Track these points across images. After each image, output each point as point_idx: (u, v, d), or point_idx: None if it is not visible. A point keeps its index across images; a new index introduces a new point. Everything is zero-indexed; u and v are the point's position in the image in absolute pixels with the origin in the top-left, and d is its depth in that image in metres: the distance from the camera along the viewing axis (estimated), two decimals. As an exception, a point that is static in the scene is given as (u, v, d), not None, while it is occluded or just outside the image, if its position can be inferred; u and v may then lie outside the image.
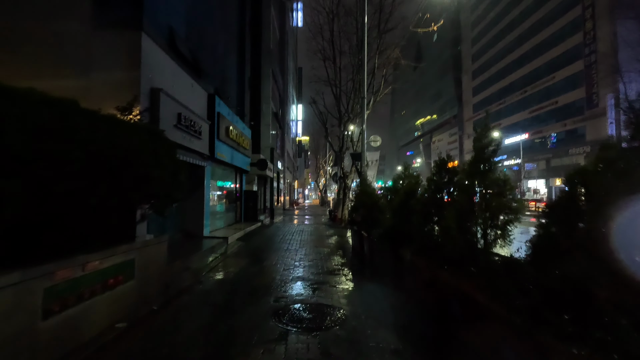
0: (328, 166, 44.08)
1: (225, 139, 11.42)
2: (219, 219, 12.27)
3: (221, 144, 11.09)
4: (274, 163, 20.42)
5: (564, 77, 39.19)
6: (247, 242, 10.79)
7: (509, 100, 47.55)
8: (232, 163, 12.46)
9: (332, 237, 12.23)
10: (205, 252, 8.24)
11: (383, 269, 6.36)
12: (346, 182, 16.61)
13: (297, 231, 13.84)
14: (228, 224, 13.44)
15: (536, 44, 42.87)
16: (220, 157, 10.91)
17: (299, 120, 49.04)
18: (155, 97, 6.91)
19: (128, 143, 3.99)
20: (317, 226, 16.16)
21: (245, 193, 15.24)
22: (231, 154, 12.36)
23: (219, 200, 12.39)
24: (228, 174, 13.56)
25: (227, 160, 11.76)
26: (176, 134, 7.76)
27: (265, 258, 8.23)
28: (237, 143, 12.93)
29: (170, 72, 7.85)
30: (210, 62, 11.39)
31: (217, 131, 10.61)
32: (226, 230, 11.77)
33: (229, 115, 11.95)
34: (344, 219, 16.35)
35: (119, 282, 4.04)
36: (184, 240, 9.38)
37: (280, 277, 6.28)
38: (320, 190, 48.66)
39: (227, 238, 10.09)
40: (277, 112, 23.43)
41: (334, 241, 11.10)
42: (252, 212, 15.25)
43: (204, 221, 10.21)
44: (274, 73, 22.50)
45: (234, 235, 11.02)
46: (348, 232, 13.35)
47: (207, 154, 10.04)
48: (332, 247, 9.95)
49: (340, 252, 9.05)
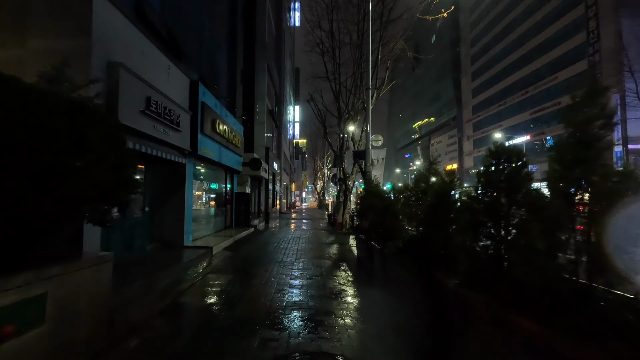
0: (326, 169, 42.65)
1: (211, 133, 9.93)
2: (205, 225, 10.74)
3: (206, 139, 9.60)
4: (269, 163, 18.92)
5: (566, 77, 38.10)
6: (235, 252, 9.27)
7: (510, 102, 46.39)
8: (220, 161, 10.96)
9: (333, 245, 10.74)
10: (182, 267, 6.72)
11: (406, 296, 4.85)
12: (347, 184, 15.15)
13: (294, 238, 12.34)
14: (216, 230, 11.91)
15: (537, 44, 41.81)
16: (204, 154, 9.41)
17: (296, 121, 47.64)
18: (113, 72, 5.42)
19: (24, 116, 2.51)
20: (316, 232, 14.66)
21: (237, 195, 13.73)
22: (219, 151, 10.86)
23: (205, 204, 10.87)
24: (216, 174, 12.06)
25: (213, 158, 10.26)
26: (144, 122, 6.27)
27: (255, 274, 6.72)
28: (226, 140, 11.44)
29: (139, 48, 6.36)
30: (195, 46, 9.91)
31: (201, 124, 9.12)
32: (212, 238, 10.24)
33: (216, 107, 10.47)
34: (345, 223, 14.88)
35: (7, 335, 2.53)
36: (159, 252, 7.85)
37: (272, 304, 4.78)
38: (318, 193, 47.18)
39: (211, 248, 8.57)
40: (272, 110, 21.97)
41: (336, 250, 9.62)
42: (244, 216, 13.74)
43: (184, 228, 8.69)
44: (270, 68, 21.06)
45: (221, 244, 9.50)
46: (350, 239, 11.87)
47: (188, 149, 8.54)
48: (333, 258, 8.46)
49: (343, 265, 7.55)
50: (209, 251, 8.38)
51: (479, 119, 52.96)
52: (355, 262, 8.01)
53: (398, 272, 5.25)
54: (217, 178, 12.19)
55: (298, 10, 48.47)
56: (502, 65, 47.65)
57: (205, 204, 10.89)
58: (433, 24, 65.38)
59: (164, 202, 8.54)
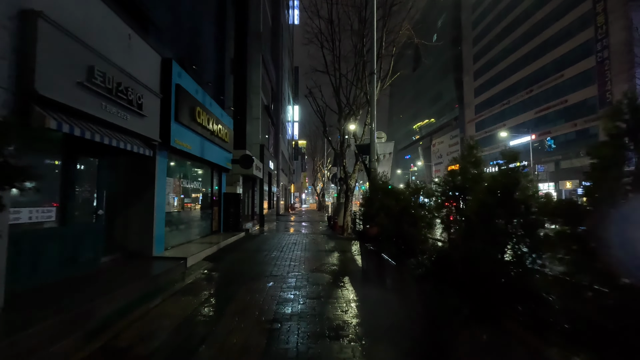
0: (326, 169, 41.10)
1: (189, 123, 8.38)
2: (184, 230, 9.16)
3: (183, 129, 8.05)
4: (264, 162, 17.37)
5: (573, 74, 36.63)
6: (217, 263, 7.69)
7: (514, 101, 44.87)
8: (202, 157, 9.41)
9: (333, 253, 9.17)
10: (140, 287, 5.15)
11: (449, 347, 3.21)
12: (348, 184, 13.58)
13: (289, 244, 10.76)
14: (200, 235, 10.34)
15: (543, 41, 40.31)
16: (180, 146, 7.85)
17: (296, 121, 46.16)
18: (28, 23, 3.87)
19: None
20: (315, 237, 13.07)
21: (225, 196, 12.16)
22: (201, 144, 9.31)
23: (185, 206, 9.29)
24: (199, 171, 10.49)
25: (193, 152, 8.70)
26: (84, 98, 4.70)
27: (233, 297, 5.12)
28: (210, 132, 9.89)
29: (80, 3, 4.81)
30: (171, 20, 8.38)
31: (176, 110, 7.57)
32: (192, 246, 8.67)
33: (197, 93, 8.92)
34: (346, 227, 13.31)
35: None
36: (116, 266, 6.28)
37: (249, 353, 3.19)
38: (318, 195, 45.60)
39: (185, 259, 7.00)
40: (268, 106, 20.44)
41: (337, 261, 8.04)
42: (233, 219, 12.16)
43: (154, 234, 7.12)
44: (265, 61, 19.54)
45: (200, 253, 7.93)
46: (353, 246, 10.30)
47: (157, 139, 6.98)
48: (335, 272, 6.87)
49: (348, 284, 5.97)
50: (182, 264, 6.81)
51: (481, 119, 51.44)
52: (359, 275, 6.44)
53: (425, 301, 3.67)
54: (201, 176, 10.62)
55: (297, 8, 47.08)
56: (506, 63, 46.15)
57: (185, 206, 9.32)
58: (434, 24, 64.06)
59: (127, 203, 6.97)
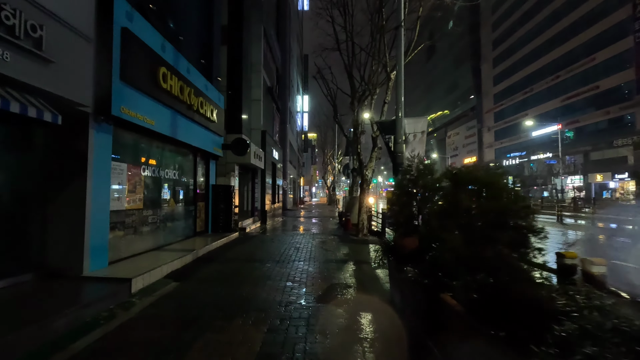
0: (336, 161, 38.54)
1: (151, 89, 5.99)
2: (148, 234, 6.78)
3: (138, 95, 5.64)
4: (266, 150, 14.95)
5: (606, 58, 32.95)
6: (181, 285, 5.31)
7: (537, 88, 41.22)
8: (175, 137, 7.02)
9: (347, 266, 6.71)
10: (21, 342, 2.80)
11: None
12: (364, 175, 11.05)
13: (291, 250, 8.36)
14: (177, 239, 8.01)
15: (571, 23, 36.50)
16: (133, 119, 5.45)
17: (305, 111, 43.63)
18: None
19: None
20: (324, 238, 10.63)
21: (214, 190, 9.80)
22: (173, 121, 6.92)
23: (151, 201, 6.91)
24: (175, 157, 8.10)
25: (160, 130, 6.31)
26: None
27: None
28: (188, 107, 7.50)
29: None
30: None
31: (122, 66, 5.16)
32: (155, 256, 6.32)
33: (164, 51, 6.51)
34: (362, 226, 10.82)
35: None
36: (16, 294, 3.95)
37: None
38: (328, 188, 43.12)
39: (130, 281, 4.65)
40: (272, 88, 17.96)
41: (354, 281, 5.55)
42: (224, 217, 9.81)
43: (87, 243, 4.79)
44: (268, 36, 17.01)
45: (161, 268, 5.58)
46: (371, 251, 7.85)
47: (85, 104, 4.59)
48: (353, 309, 4.41)
49: (376, 345, 3.52)
50: (123, 288, 4.45)
51: (501, 109, 47.86)
52: (390, 312, 3.99)
53: None
54: (179, 164, 8.22)
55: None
56: (529, 48, 42.35)
57: (151, 201, 6.96)
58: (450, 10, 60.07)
59: (45, 199, 4.64)
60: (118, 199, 5.67)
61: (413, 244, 4.14)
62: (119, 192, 5.72)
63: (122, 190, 5.80)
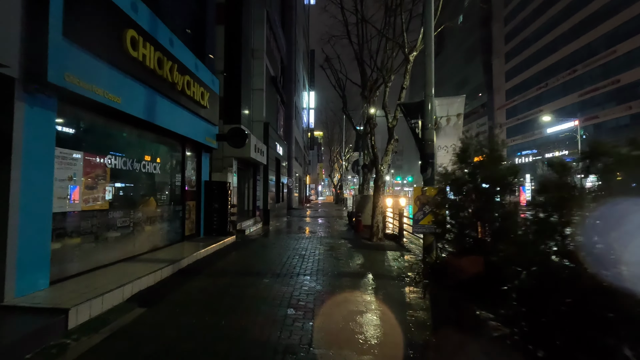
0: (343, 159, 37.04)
1: (116, 57, 4.61)
2: (117, 241, 5.37)
3: (95, 62, 4.25)
4: (268, 144, 13.55)
5: (628, 50, 30.94)
6: (148, 312, 3.92)
7: (552, 83, 39.23)
8: (151, 120, 5.64)
9: (366, 282, 5.28)
10: None
11: None
12: (379, 170, 9.58)
13: (295, 259, 6.96)
14: (159, 245, 6.65)
15: (590, 14, 34.48)
16: (84, 91, 4.06)
17: (312, 108, 42.22)
18: None
19: None
20: (333, 244, 9.20)
21: (207, 186, 8.43)
22: (148, 100, 5.54)
23: (122, 200, 5.52)
24: (156, 146, 6.68)
25: (128, 110, 4.93)
26: None
27: None
28: (171, 85, 6.12)
29: None
30: None
31: (67, 16, 3.78)
32: (124, 270, 4.95)
33: (135, 10, 5.11)
34: (377, 229, 9.36)
35: None
36: None
37: None
38: (335, 186, 41.67)
39: (67, 313, 3.28)
40: (276, 78, 16.55)
41: (380, 314, 4.14)
42: (219, 218, 8.44)
43: (12, 257, 3.43)
44: (271, 21, 15.61)
45: (127, 287, 4.20)
46: (388, 259, 6.42)
47: (3, 63, 3.23)
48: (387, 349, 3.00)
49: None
50: (54, 323, 3.08)
51: (513, 105, 45.90)
52: None
53: None
54: (160, 155, 6.82)
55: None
56: (544, 42, 40.32)
57: (125, 199, 5.59)
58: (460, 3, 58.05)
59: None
60: (69, 198, 4.30)
61: (474, 267, 2.69)
62: (71, 189, 4.35)
63: (76, 186, 4.43)
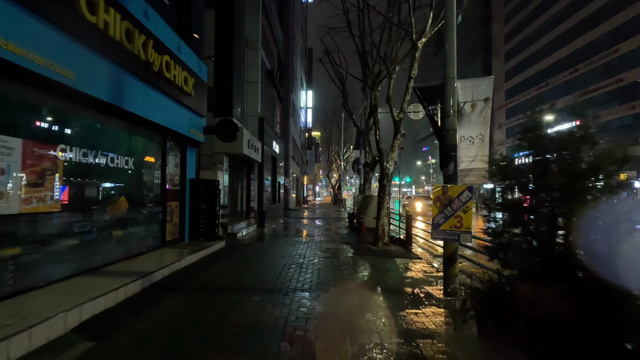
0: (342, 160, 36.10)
1: (65, 19, 3.64)
2: (73, 250, 4.28)
3: (31, 20, 3.28)
4: (263, 141, 12.57)
5: (632, 48, 30.29)
6: (100, 349, 2.97)
7: (554, 83, 38.54)
8: (120, 106, 4.67)
9: (375, 301, 4.31)
10: None
11: None
12: (384, 168, 8.66)
13: (291, 268, 6.00)
14: (131, 254, 5.67)
15: (592, 12, 33.82)
16: (15, 58, 3.10)
17: (309, 107, 41.25)
18: None
19: None
20: (334, 250, 8.25)
21: (193, 185, 7.44)
22: (114, 79, 4.56)
23: (80, 199, 4.50)
24: (124, 135, 5.66)
25: (84, 89, 3.96)
26: None
27: None
28: (146, 65, 5.17)
29: None
30: None
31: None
32: (79, 287, 3.96)
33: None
34: (383, 234, 8.41)
35: None
36: None
37: None
38: (333, 187, 40.74)
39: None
40: (272, 72, 15.58)
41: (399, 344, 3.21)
42: (206, 221, 7.45)
43: None
44: (267, 11, 14.65)
45: (73, 312, 3.20)
46: (398, 268, 5.48)
47: None
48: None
49: None
50: None
51: (513, 105, 45.21)
52: None
53: None
54: (136, 148, 5.86)
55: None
56: (545, 40, 39.64)
57: (85, 199, 4.61)
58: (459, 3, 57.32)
59: None
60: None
61: (562, 303, 1.75)
62: (3, 185, 3.37)
63: (8, 181, 3.45)
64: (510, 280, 2.00)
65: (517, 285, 1.90)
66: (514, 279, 1.99)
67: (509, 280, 2.01)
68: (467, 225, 4.57)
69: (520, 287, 1.87)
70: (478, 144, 4.79)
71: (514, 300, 1.82)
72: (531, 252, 2.03)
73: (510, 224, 2.21)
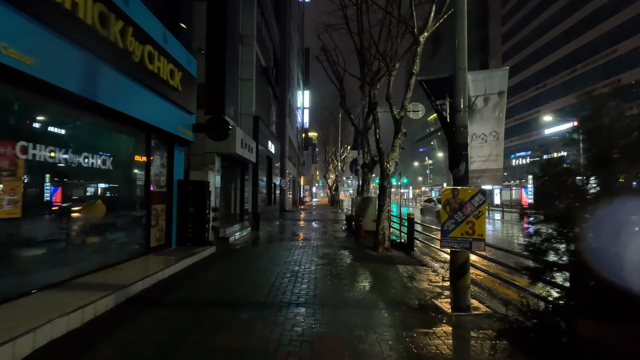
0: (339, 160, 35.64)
1: None
2: (37, 261, 3.78)
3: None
4: (258, 141, 12.07)
5: (629, 49, 30.17)
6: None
7: (551, 83, 38.38)
8: (94, 99, 4.17)
9: (381, 319, 3.87)
10: None
11: None
12: (385, 168, 8.20)
13: (286, 277, 5.52)
14: (110, 262, 5.15)
15: (590, 13, 33.68)
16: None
17: (306, 107, 40.77)
18: None
19: None
20: (332, 256, 7.77)
21: (181, 187, 6.94)
22: (86, 69, 4.07)
23: (46, 204, 4.01)
24: (101, 132, 5.12)
25: (48, 78, 3.46)
26: None
27: None
28: (125, 55, 4.68)
29: None
30: None
31: None
32: (41, 303, 3.46)
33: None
34: (383, 238, 7.94)
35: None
36: None
37: None
38: (330, 188, 40.28)
39: None
40: (267, 69, 15.08)
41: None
42: (195, 225, 6.95)
43: None
44: (262, 6, 14.16)
45: (24, 338, 2.69)
46: (403, 277, 5.00)
47: None
48: None
49: None
50: None
51: (510, 105, 44.97)
52: None
53: None
54: (116, 147, 5.35)
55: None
56: (542, 41, 39.50)
57: (53, 204, 4.10)
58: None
59: None
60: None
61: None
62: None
63: None
64: (568, 313, 1.52)
65: (581, 324, 1.41)
66: (574, 313, 1.50)
67: (566, 313, 1.52)
68: (479, 232, 4.12)
69: (585, 327, 1.39)
70: (492, 143, 4.34)
71: (578, 347, 1.34)
72: (585, 278, 1.55)
73: (556, 238, 1.74)
